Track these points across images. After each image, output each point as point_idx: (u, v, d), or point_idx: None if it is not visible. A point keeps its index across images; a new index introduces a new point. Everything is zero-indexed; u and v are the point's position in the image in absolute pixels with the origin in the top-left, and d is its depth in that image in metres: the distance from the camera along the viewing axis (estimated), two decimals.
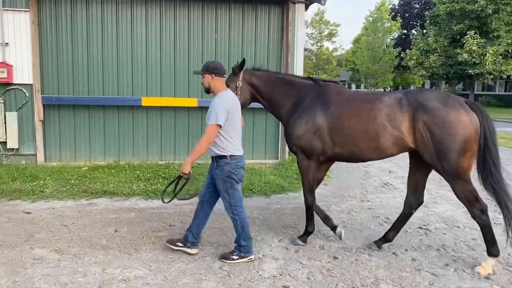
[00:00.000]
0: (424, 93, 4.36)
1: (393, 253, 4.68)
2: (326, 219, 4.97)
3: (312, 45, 51.45)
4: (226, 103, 4.09)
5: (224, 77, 4.32)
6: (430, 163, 4.27)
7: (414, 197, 4.69)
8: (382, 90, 36.71)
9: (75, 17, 8.22)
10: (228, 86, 4.54)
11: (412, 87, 50.80)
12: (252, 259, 4.37)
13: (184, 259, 4.34)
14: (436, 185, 7.67)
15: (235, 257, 4.33)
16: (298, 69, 8.97)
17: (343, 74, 54.58)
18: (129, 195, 6.65)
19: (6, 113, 7.92)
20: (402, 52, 33.05)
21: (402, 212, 4.76)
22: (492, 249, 4.22)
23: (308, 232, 4.91)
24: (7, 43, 7.79)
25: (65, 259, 4.28)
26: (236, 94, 4.71)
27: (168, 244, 4.52)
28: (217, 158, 4.21)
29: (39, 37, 8.07)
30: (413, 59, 30.18)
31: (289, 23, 8.75)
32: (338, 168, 9.11)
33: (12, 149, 8.06)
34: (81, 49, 8.27)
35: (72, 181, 7.10)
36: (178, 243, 4.48)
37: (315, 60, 51.05)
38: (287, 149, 9.03)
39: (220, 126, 4.05)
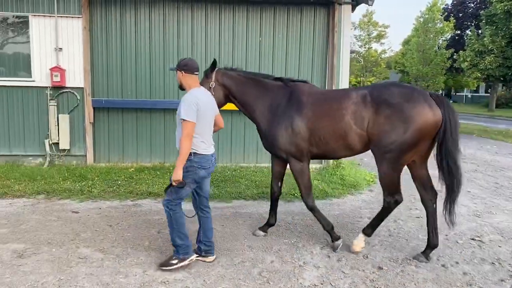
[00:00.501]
0: (389, 88, 4.43)
1: (443, 265, 4.42)
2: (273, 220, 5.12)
3: (360, 47, 50.56)
4: (194, 100, 3.99)
5: (195, 74, 4.18)
6: (373, 150, 4.41)
7: (427, 193, 4.63)
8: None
9: (124, 22, 8.46)
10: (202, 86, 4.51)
11: (465, 90, 48.62)
12: (193, 260, 4.16)
13: (224, 264, 4.31)
14: (490, 194, 7.23)
15: (174, 262, 4.14)
16: (344, 71, 8.76)
17: (392, 77, 53.10)
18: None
19: (59, 115, 8.27)
20: (455, 54, 31.71)
21: (427, 212, 4.60)
22: (369, 229, 4.65)
23: (330, 230, 4.79)
24: (61, 48, 8.14)
25: (108, 259, 4.36)
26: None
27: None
28: None
29: (90, 42, 8.38)
30: (467, 61, 28.82)
31: (335, 24, 8.56)
32: None
33: (64, 150, 8.40)
34: (129, 53, 8.50)
35: (119, 182, 7.28)
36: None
37: (363, 62, 50.09)
38: None
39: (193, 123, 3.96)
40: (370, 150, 4.52)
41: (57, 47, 8.13)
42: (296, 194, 6.83)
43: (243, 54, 8.77)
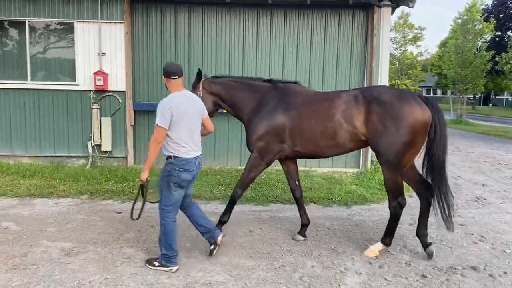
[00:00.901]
0: (380, 88, 4.64)
1: (490, 275, 4.27)
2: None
3: (395, 50, 49.60)
4: (168, 105, 3.98)
5: (172, 78, 4.13)
6: (375, 151, 4.47)
7: (423, 188, 4.70)
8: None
9: (164, 27, 8.66)
10: None
11: (506, 93, 46.85)
12: (173, 271, 4.14)
13: (264, 267, 4.32)
14: None
15: (156, 264, 4.22)
16: (383, 75, 8.65)
17: (428, 80, 51.88)
18: (210, 198, 6.81)
19: (102, 118, 8.53)
20: (496, 56, 30.60)
21: (421, 206, 4.73)
22: (387, 238, 4.65)
23: (223, 222, 4.99)
24: (103, 53, 8.40)
25: None
26: None
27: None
28: (166, 157, 4.18)
29: (132, 47, 8.60)
30: (509, 63, 27.76)
31: (374, 27, 8.46)
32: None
33: (106, 152, 8.66)
34: (169, 57, 8.67)
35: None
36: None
37: (398, 65, 49.10)
38: (369, 157, 8.72)
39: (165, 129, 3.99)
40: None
41: (100, 52, 8.40)
42: (333, 199, 6.78)
43: (279, 58, 8.80)
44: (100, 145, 8.62)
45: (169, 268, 4.17)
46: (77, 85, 8.48)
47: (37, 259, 4.38)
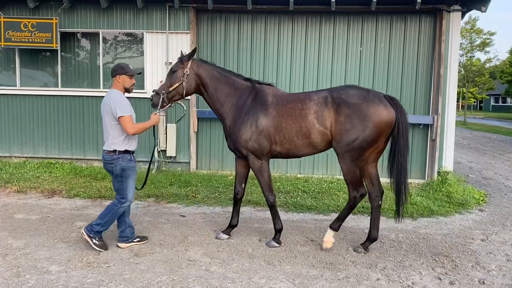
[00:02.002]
0: (347, 89, 4.74)
1: None
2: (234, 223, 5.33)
3: (460, 56, 47.34)
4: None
5: (114, 77, 4.79)
6: (335, 147, 4.69)
7: (375, 189, 4.95)
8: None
9: (228, 36, 8.86)
10: (174, 72, 5.01)
11: None
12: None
13: (328, 277, 4.25)
14: None
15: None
16: (451, 82, 8.29)
17: (497, 88, 48.91)
18: None
19: (167, 124, 8.86)
20: None
21: (372, 207, 4.98)
22: (336, 224, 4.94)
23: (278, 230, 5.11)
24: (170, 62, 8.74)
25: (215, 263, 4.53)
26: (182, 81, 4.99)
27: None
28: (119, 152, 4.77)
29: (197, 56, 8.86)
30: None
31: (442, 33, 8.14)
32: (495, 192, 8.12)
33: (170, 157, 8.98)
34: (232, 66, 8.85)
35: (220, 189, 7.58)
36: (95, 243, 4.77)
37: (463, 72, 46.78)
38: (436, 168, 8.36)
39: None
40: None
41: (167, 61, 8.74)
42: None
43: (342, 64, 8.70)
44: (165, 151, 8.95)
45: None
46: (145, 92, 8.87)
47: (109, 258, 4.60)
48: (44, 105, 9.19)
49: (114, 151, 4.70)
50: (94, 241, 4.76)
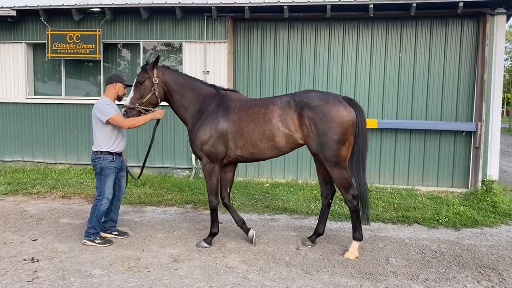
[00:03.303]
0: (308, 93, 4.92)
1: None
2: (240, 222, 5.40)
3: (505, 60, 45.54)
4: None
5: (110, 84, 5.32)
6: (315, 153, 4.86)
7: (327, 188, 5.26)
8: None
9: (264, 44, 8.93)
10: (142, 83, 5.10)
11: None
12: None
13: None
14: None
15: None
16: (496, 87, 7.99)
17: None
18: (307, 214, 6.77)
19: None
20: None
21: (322, 205, 5.33)
22: (357, 233, 4.95)
23: (212, 233, 5.26)
24: (208, 71, 8.88)
25: (252, 271, 4.54)
26: (154, 91, 5.11)
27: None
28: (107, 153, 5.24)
29: (233, 65, 8.98)
30: None
31: (486, 37, 7.88)
32: None
33: None
34: (268, 73, 8.91)
35: (256, 196, 7.60)
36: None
37: (508, 76, 44.94)
38: (480, 176, 8.06)
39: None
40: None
41: (205, 70, 8.88)
42: (440, 220, 6.35)
43: (381, 70, 8.57)
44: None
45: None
46: None
47: (149, 263, 4.70)
48: (87, 113, 9.54)
49: (98, 151, 5.17)
50: (96, 241, 5.19)
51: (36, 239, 5.41)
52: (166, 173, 9.09)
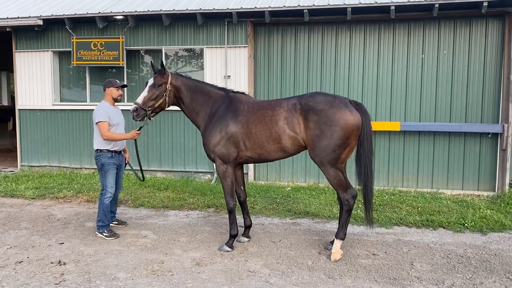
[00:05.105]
0: (314, 96, 4.93)
1: None
2: (246, 224, 5.68)
3: None
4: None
5: (105, 90, 5.90)
6: (313, 158, 4.89)
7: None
8: None
9: (284, 49, 8.94)
10: (159, 86, 5.23)
11: None
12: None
13: None
14: None
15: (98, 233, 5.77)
16: None
17: None
18: (329, 218, 6.71)
19: None
20: None
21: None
22: (341, 233, 4.95)
23: (232, 236, 5.32)
24: (229, 76, 8.94)
25: (274, 275, 4.54)
26: (165, 96, 5.28)
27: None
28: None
29: (254, 69, 9.02)
30: None
31: (511, 36, 7.69)
32: None
33: None
34: (288, 77, 8.91)
35: (278, 200, 7.59)
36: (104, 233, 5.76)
37: None
38: (507, 179, 7.87)
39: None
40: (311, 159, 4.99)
41: (226, 75, 8.95)
42: (466, 224, 6.22)
43: (403, 72, 8.47)
44: None
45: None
46: None
47: (172, 266, 4.75)
48: None
49: (98, 149, 5.72)
50: (104, 234, 5.70)
51: (62, 243, 5.54)
52: (188, 177, 9.18)
